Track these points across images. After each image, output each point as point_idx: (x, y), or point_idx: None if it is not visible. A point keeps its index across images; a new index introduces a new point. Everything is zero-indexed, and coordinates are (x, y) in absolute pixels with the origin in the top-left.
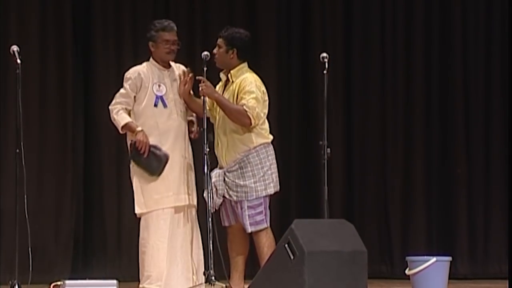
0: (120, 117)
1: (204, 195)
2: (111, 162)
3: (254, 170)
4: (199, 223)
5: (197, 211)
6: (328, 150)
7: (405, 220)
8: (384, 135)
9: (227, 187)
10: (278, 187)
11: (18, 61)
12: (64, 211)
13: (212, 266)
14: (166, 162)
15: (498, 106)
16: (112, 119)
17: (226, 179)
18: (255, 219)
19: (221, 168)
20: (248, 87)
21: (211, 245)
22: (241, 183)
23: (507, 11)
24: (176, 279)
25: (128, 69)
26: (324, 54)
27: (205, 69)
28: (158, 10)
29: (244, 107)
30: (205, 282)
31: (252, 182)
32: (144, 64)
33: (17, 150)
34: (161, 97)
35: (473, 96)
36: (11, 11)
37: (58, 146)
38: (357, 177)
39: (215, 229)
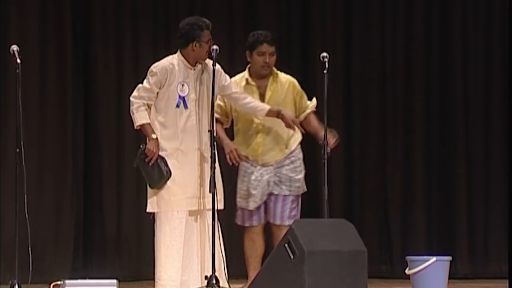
0: (139, 116)
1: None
2: (111, 162)
3: (301, 166)
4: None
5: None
6: (328, 150)
7: (405, 220)
8: (384, 135)
9: (278, 182)
10: None
11: (18, 61)
12: (64, 211)
13: (216, 269)
14: (168, 179)
15: (498, 106)
16: (131, 112)
17: (278, 174)
18: (295, 214)
19: (264, 166)
20: (302, 91)
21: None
22: (296, 177)
23: (507, 11)
24: (190, 279)
25: (152, 63)
26: (324, 54)
27: (216, 64)
28: (159, 10)
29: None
30: (207, 286)
31: (302, 177)
32: (172, 59)
33: (17, 150)
34: (183, 98)
35: (473, 96)
36: (11, 11)
37: (58, 146)
38: (357, 177)
39: (220, 231)
